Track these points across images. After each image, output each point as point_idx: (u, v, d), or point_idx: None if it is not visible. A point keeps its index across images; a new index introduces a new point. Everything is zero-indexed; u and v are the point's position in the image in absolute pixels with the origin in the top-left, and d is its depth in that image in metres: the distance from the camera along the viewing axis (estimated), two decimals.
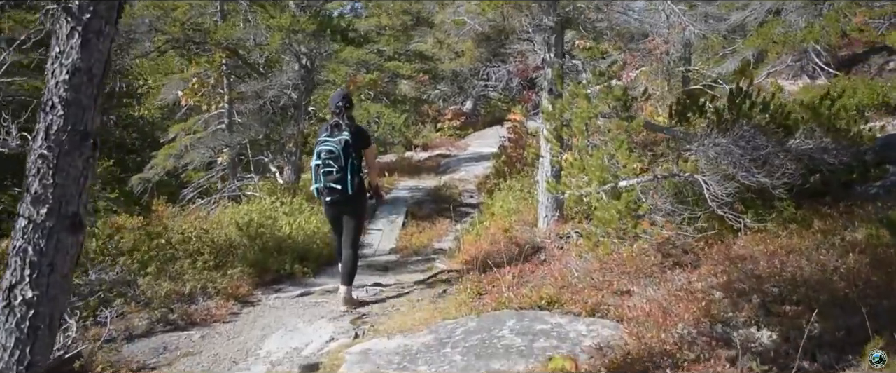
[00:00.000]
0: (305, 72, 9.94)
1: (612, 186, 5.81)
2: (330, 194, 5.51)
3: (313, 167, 5.56)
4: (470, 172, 14.67)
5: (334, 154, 5.44)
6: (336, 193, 5.48)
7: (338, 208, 5.67)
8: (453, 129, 23.46)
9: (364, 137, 5.75)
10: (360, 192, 5.63)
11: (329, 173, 5.45)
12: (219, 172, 11.16)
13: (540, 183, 7.03)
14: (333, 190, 5.47)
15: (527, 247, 6.51)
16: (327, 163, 5.45)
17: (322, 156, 5.47)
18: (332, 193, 5.49)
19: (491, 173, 12.80)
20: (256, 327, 5.52)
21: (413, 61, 25.71)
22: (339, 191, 5.46)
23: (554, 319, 4.63)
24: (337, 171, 5.42)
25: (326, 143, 5.50)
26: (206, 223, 9.08)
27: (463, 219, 10.41)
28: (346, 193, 5.45)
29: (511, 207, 7.81)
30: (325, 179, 5.47)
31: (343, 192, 5.45)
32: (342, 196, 5.49)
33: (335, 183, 5.46)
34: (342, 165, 5.42)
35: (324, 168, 5.47)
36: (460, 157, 17.92)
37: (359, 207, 5.73)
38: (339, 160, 5.43)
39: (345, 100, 5.74)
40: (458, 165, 16.12)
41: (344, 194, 5.47)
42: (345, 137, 5.49)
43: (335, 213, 5.77)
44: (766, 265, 5.17)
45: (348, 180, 5.44)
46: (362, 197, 5.72)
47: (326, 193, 5.53)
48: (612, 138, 5.78)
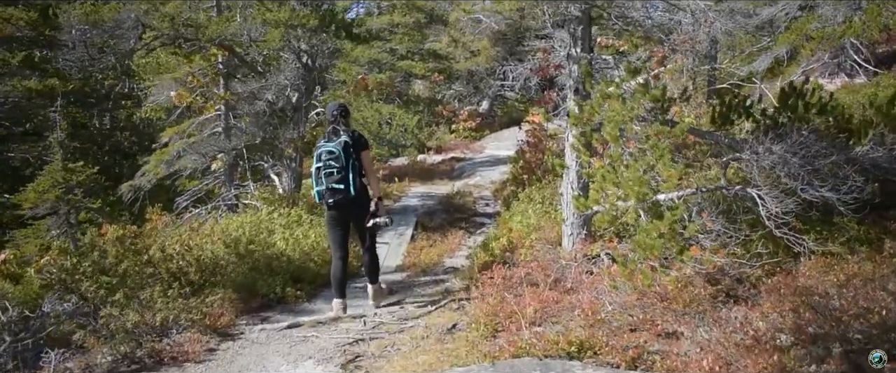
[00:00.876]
0: (306, 71, 9.13)
1: (651, 201, 4.93)
2: (333, 196, 5.44)
3: (314, 171, 5.49)
4: (486, 178, 13.80)
5: (335, 154, 5.40)
6: (339, 194, 5.43)
7: (341, 211, 5.59)
8: (468, 130, 22.59)
9: (361, 140, 5.70)
10: (364, 193, 5.59)
11: (331, 175, 5.40)
12: (214, 180, 10.38)
13: (564, 196, 6.14)
14: (336, 191, 5.42)
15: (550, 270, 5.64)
16: (328, 164, 5.41)
17: (323, 158, 5.43)
18: (335, 193, 5.43)
19: (508, 179, 11.93)
20: (233, 370, 4.70)
21: (427, 60, 24.93)
22: (341, 192, 5.41)
23: (587, 372, 3.75)
24: (338, 171, 5.39)
25: (325, 146, 5.48)
26: (197, 236, 8.33)
27: (478, 231, 9.56)
28: (348, 193, 5.42)
29: (531, 223, 6.93)
30: (328, 181, 5.41)
31: (346, 192, 5.41)
32: (345, 197, 5.44)
33: (337, 183, 5.40)
34: (343, 164, 5.39)
35: (325, 169, 5.42)
36: (476, 160, 17.05)
37: (363, 210, 5.63)
38: (340, 160, 5.39)
39: (340, 109, 5.74)
40: (474, 169, 15.26)
41: (347, 196, 5.43)
42: (344, 139, 5.48)
43: (339, 216, 5.64)
44: (843, 301, 4.26)
45: (350, 180, 5.40)
46: (366, 198, 5.63)
47: (329, 195, 5.45)
48: (652, 146, 4.89)
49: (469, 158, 17.50)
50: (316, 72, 9.21)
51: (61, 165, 8.64)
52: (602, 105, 5.31)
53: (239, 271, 6.64)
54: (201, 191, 10.26)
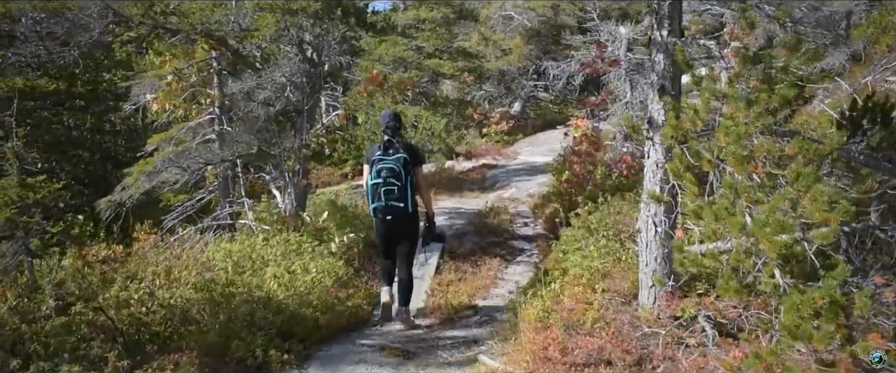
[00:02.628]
0: (311, 66, 7.59)
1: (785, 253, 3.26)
2: (390, 213, 5.42)
3: (371, 186, 5.43)
4: (522, 189, 12.16)
5: (395, 172, 5.37)
6: (396, 212, 5.41)
7: (395, 228, 5.57)
8: (500, 134, 20.95)
9: (417, 154, 5.71)
10: (416, 211, 5.59)
11: (390, 192, 5.37)
12: (209, 193, 8.91)
13: (644, 235, 4.49)
14: (394, 208, 5.40)
15: (628, 342, 4.00)
16: (389, 181, 5.36)
17: (383, 174, 5.37)
18: (392, 211, 5.41)
19: (550, 192, 10.28)
20: None
21: (456, 59, 23.37)
22: (400, 209, 5.40)
23: None
24: (399, 189, 5.36)
25: (384, 161, 5.41)
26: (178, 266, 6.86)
27: (516, 258, 7.94)
28: (406, 211, 5.42)
29: (593, 266, 5.26)
30: (387, 198, 5.38)
31: (404, 210, 5.41)
32: (402, 215, 5.44)
33: (397, 201, 5.38)
34: (403, 183, 5.37)
35: (385, 186, 5.36)
36: (509, 167, 15.42)
37: (415, 228, 5.71)
38: (401, 178, 5.37)
39: (396, 119, 5.69)
40: (508, 178, 13.61)
41: (404, 213, 5.43)
42: (402, 155, 5.44)
43: (391, 233, 5.64)
44: None
45: (408, 199, 5.41)
46: (417, 217, 5.65)
47: (386, 212, 5.42)
48: (795, 172, 3.23)
49: (502, 166, 15.87)
50: (321, 67, 7.67)
51: (17, 181, 7.17)
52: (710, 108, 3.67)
53: (212, 325, 5.12)
54: (193, 207, 8.79)
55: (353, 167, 17.89)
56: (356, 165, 18.10)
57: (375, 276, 7.13)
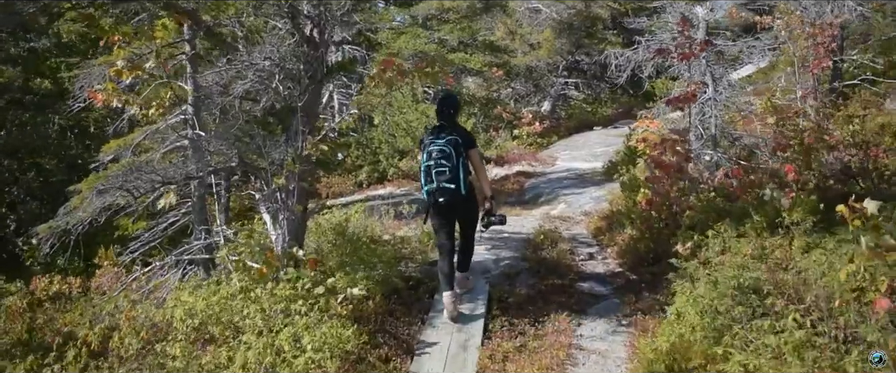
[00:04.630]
0: (310, 48, 5.47)
1: None
2: (443, 195, 5.23)
3: (423, 169, 5.31)
4: (574, 205, 9.99)
5: (446, 153, 5.20)
6: (448, 194, 5.22)
7: (450, 212, 5.40)
8: (533, 136, 18.76)
9: (470, 137, 5.50)
10: (472, 193, 5.41)
11: (442, 173, 5.20)
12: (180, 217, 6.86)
13: None
14: (447, 190, 5.21)
15: None
16: (440, 162, 5.20)
17: (433, 155, 5.22)
18: (445, 193, 5.22)
19: (617, 212, 8.12)
20: None
21: (484, 53, 21.25)
22: (452, 191, 5.21)
23: None
24: (450, 170, 5.21)
25: (435, 143, 5.26)
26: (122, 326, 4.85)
27: (591, 308, 5.79)
28: (459, 193, 5.23)
29: None
30: (438, 179, 5.21)
31: (456, 192, 5.22)
32: (455, 197, 5.24)
33: (448, 183, 5.20)
34: (454, 164, 5.22)
35: (436, 168, 5.21)
36: (549, 176, 13.23)
37: (472, 209, 5.53)
38: (452, 159, 5.20)
39: (450, 101, 5.57)
40: (552, 190, 11.43)
41: (457, 195, 5.23)
42: (453, 136, 5.28)
43: (446, 217, 5.45)
44: None
45: (461, 180, 5.23)
46: (474, 199, 5.46)
47: (439, 194, 5.23)
48: None
49: (540, 174, 13.69)
50: (324, 50, 5.53)
51: None
52: None
53: None
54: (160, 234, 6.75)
55: (369, 175, 15.79)
56: (372, 171, 16.01)
57: (399, 343, 5.07)
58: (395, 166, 15.27)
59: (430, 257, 6.81)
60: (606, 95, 26.61)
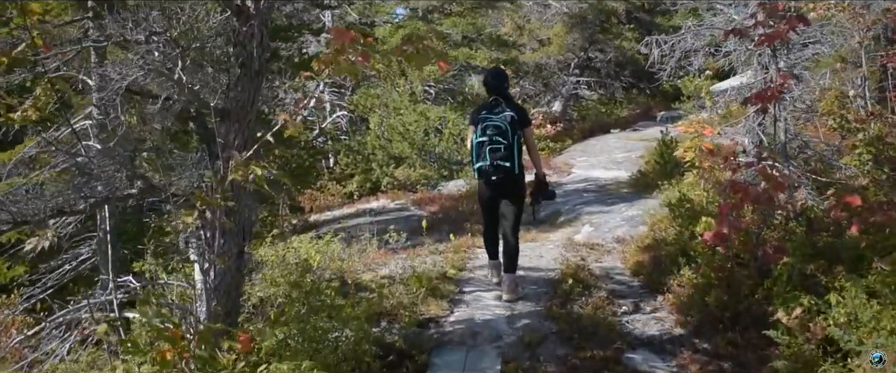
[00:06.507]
0: (242, 20, 3.69)
1: None
2: (496, 173, 5.08)
3: (476, 144, 5.12)
4: (601, 227, 8.20)
5: (502, 130, 5.04)
6: (502, 172, 5.07)
7: (501, 189, 5.25)
8: (544, 140, 16.97)
9: (525, 115, 5.34)
10: (523, 173, 5.27)
11: (496, 150, 5.04)
12: (91, 257, 5.08)
13: None
14: (501, 168, 5.05)
15: None
16: (495, 139, 5.03)
17: (488, 132, 5.06)
18: (499, 171, 5.06)
19: (667, 242, 6.31)
20: None
21: (490, 47, 19.51)
22: (506, 169, 5.06)
23: None
24: (505, 147, 5.04)
25: (490, 119, 5.09)
26: None
27: None
28: (512, 172, 5.09)
29: None
30: (492, 157, 5.04)
31: (510, 170, 5.08)
32: (508, 176, 5.10)
33: (503, 161, 5.04)
34: (510, 141, 5.04)
35: (490, 145, 5.04)
36: (566, 187, 11.45)
37: (521, 189, 5.35)
38: (507, 136, 5.04)
39: (500, 77, 5.45)
40: (572, 207, 9.66)
41: (510, 174, 5.09)
42: (509, 113, 5.11)
43: (496, 195, 5.31)
44: None
45: (516, 159, 5.08)
46: (524, 180, 5.33)
47: (493, 172, 5.07)
48: None
49: (555, 184, 11.79)
50: (265, 28, 3.75)
51: None
52: None
53: None
54: (53, 282, 4.98)
55: (361, 184, 13.99)
56: (364, 181, 14.23)
57: None
58: (390, 175, 13.47)
59: (420, 314, 5.05)
60: (621, 94, 24.74)
